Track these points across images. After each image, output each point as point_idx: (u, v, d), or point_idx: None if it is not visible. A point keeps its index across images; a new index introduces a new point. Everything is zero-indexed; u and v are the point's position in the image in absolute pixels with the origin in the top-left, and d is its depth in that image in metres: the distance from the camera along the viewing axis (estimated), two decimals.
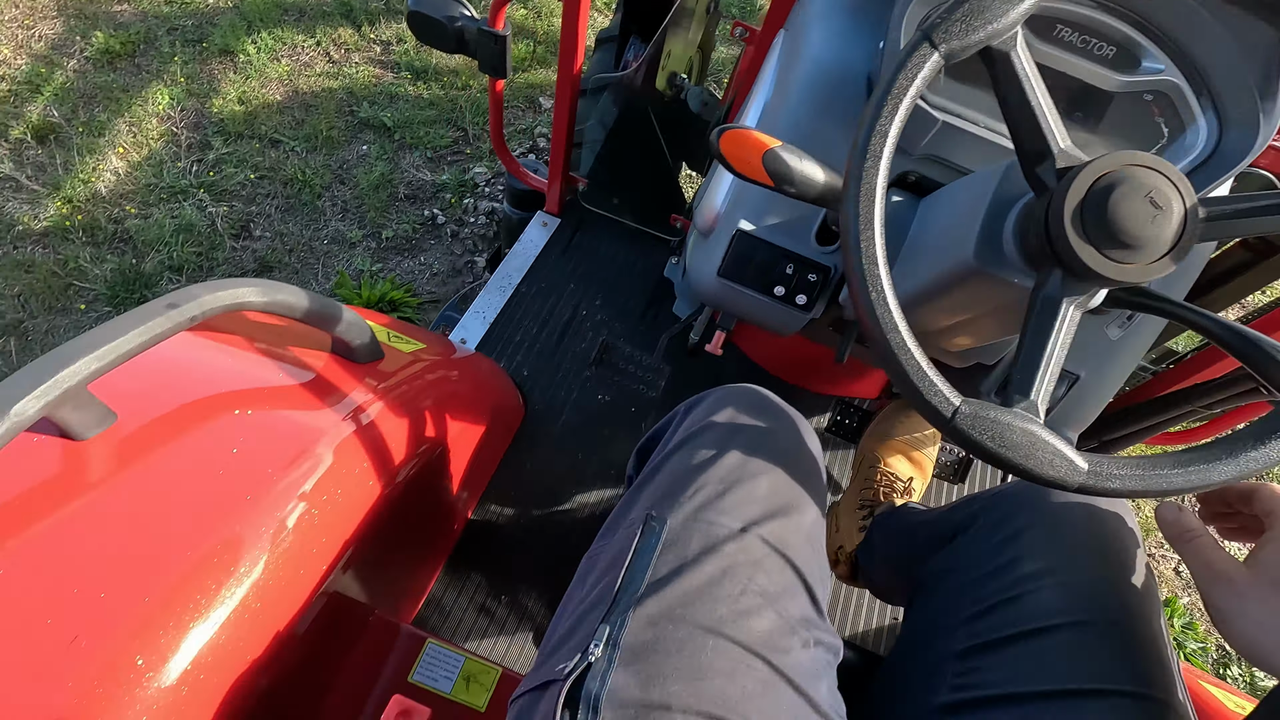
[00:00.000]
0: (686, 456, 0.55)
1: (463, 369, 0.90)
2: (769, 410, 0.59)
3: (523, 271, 1.33)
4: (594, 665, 0.43)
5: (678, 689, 0.41)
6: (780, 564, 0.49)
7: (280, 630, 0.59)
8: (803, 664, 0.46)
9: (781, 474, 0.54)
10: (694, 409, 0.61)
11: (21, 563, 0.47)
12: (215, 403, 0.61)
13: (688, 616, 0.44)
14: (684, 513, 0.50)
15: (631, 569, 0.48)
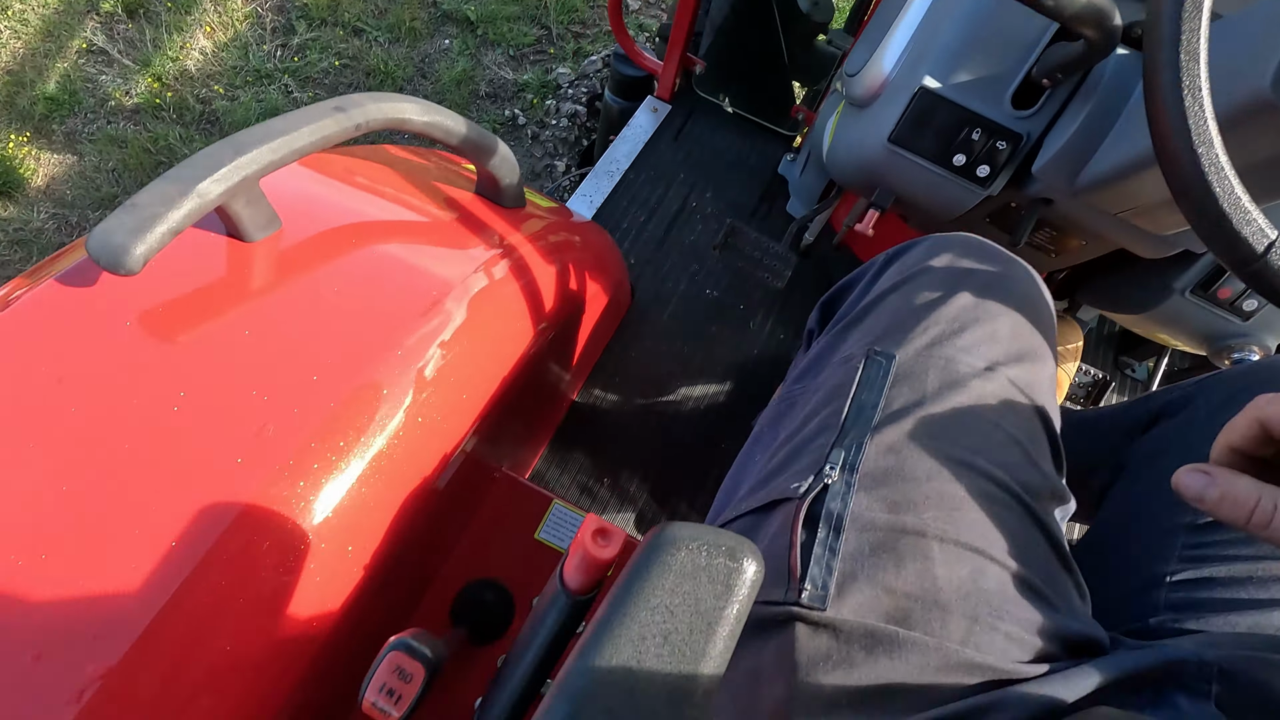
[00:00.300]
0: (906, 297, 0.50)
1: (586, 236, 0.85)
2: (997, 257, 0.53)
3: (631, 158, 1.26)
4: (831, 487, 0.39)
5: (931, 516, 0.38)
6: (1029, 410, 0.45)
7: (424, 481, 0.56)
8: (1052, 513, 0.42)
9: (1021, 318, 0.48)
10: (901, 256, 0.56)
11: (209, 352, 0.46)
12: (367, 230, 0.58)
13: (936, 447, 0.41)
14: (914, 348, 0.46)
15: (859, 399, 0.44)
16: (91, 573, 0.38)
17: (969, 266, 0.51)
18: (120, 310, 0.45)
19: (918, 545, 0.37)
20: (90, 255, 0.41)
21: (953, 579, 0.36)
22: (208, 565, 0.40)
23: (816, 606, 0.36)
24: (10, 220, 1.99)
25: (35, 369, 0.42)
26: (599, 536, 0.40)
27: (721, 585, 0.26)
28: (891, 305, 0.50)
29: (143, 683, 0.38)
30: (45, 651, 0.36)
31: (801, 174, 1.22)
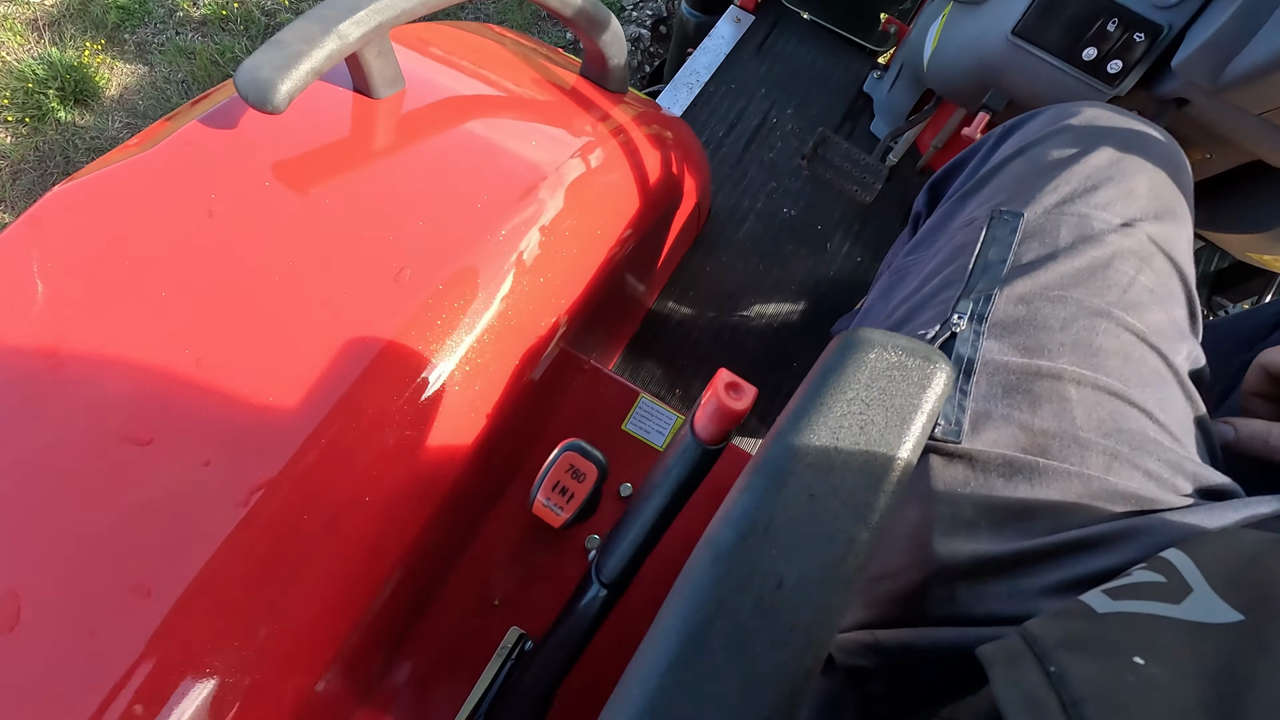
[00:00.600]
0: (1032, 160, 0.48)
1: (678, 133, 0.84)
2: (1127, 118, 0.50)
3: (711, 70, 1.22)
4: (959, 334, 0.39)
5: (1068, 360, 0.37)
6: (1167, 266, 0.43)
7: (526, 357, 0.57)
8: (1188, 372, 0.41)
9: (1162, 176, 0.46)
10: (1021, 126, 0.53)
11: (345, 197, 0.46)
12: (480, 102, 0.58)
13: (1070, 296, 0.40)
14: (1044, 206, 0.44)
15: (985, 256, 0.43)
16: (252, 392, 0.40)
17: (1102, 126, 0.48)
18: (267, 149, 0.45)
19: (1054, 387, 0.37)
20: (238, 90, 0.42)
21: (1091, 418, 0.36)
22: (355, 396, 0.42)
23: (951, 440, 0.36)
24: (87, 129, 2.03)
25: (188, 203, 0.43)
26: (731, 390, 0.40)
27: (915, 385, 0.26)
28: (1016, 169, 0.48)
29: (294, 501, 0.40)
30: (215, 459, 0.38)
31: (890, 90, 1.17)
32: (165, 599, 0.36)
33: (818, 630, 0.23)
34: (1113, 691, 0.22)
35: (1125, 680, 0.22)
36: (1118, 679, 0.22)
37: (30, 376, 0.38)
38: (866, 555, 0.24)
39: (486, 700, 0.56)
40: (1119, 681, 0.22)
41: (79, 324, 0.40)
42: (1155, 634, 0.24)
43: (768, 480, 0.24)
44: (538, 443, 0.74)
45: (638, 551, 0.42)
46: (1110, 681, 0.22)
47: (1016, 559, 0.32)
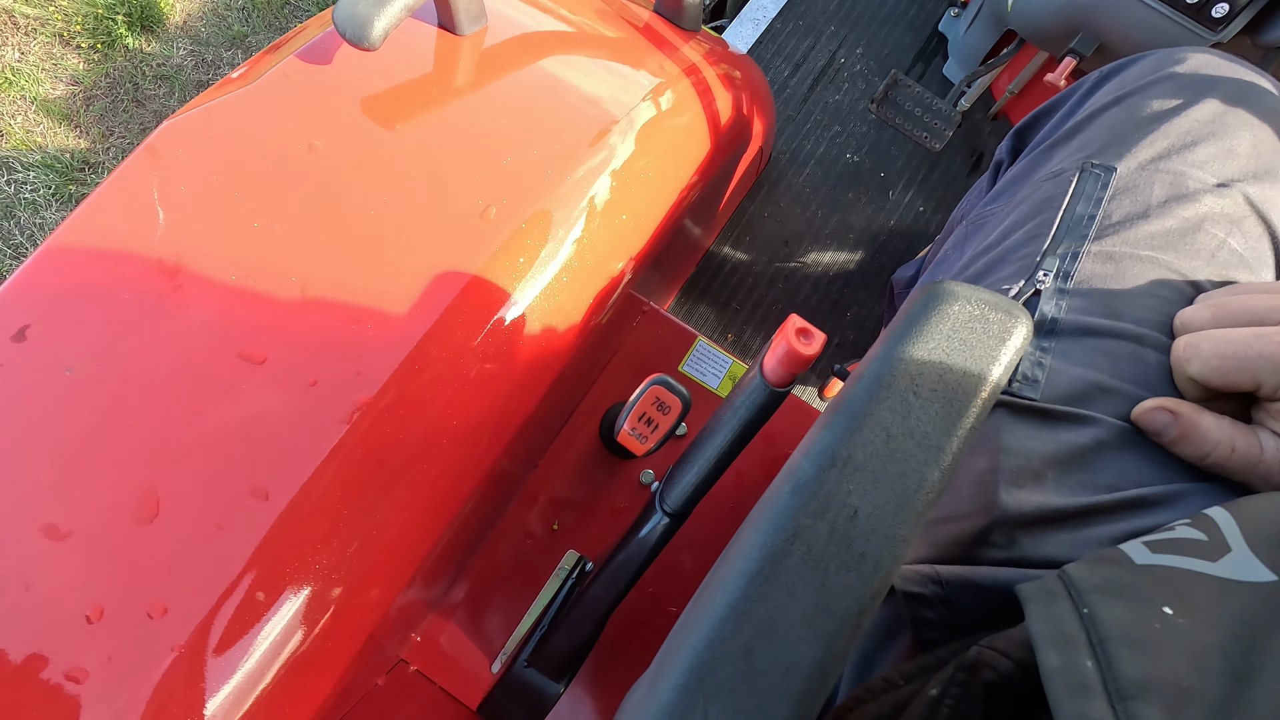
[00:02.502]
0: (1129, 111, 0.46)
1: (747, 72, 0.82)
2: (1237, 66, 0.48)
3: (779, 5, 1.18)
4: (1044, 291, 0.39)
5: (1150, 327, 0.37)
6: (1260, 229, 0.42)
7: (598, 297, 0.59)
8: None
9: (1268, 130, 0.44)
10: (1119, 73, 0.51)
11: (434, 133, 0.48)
12: (559, 38, 0.58)
13: (1157, 259, 0.39)
14: (1138, 161, 0.43)
15: (1072, 210, 0.42)
16: (351, 318, 0.43)
17: (1206, 76, 0.46)
18: (360, 85, 0.47)
19: (1135, 350, 0.37)
20: (336, 27, 0.43)
21: (1168, 384, 0.36)
22: (443, 327, 0.44)
23: (1028, 395, 0.37)
24: (154, 56, 2.07)
25: (290, 136, 0.46)
26: (801, 335, 0.42)
27: (995, 338, 0.27)
28: (1110, 119, 0.47)
29: (389, 422, 0.44)
30: (321, 379, 0.42)
31: (967, 30, 1.12)
32: (278, 502, 0.40)
33: (886, 558, 0.25)
34: (1138, 634, 0.23)
35: (1152, 626, 0.24)
36: (1145, 624, 0.24)
37: (156, 295, 0.42)
38: (937, 494, 0.26)
39: (549, 615, 0.61)
40: (1145, 626, 0.24)
41: (195, 248, 0.43)
42: (1187, 587, 0.25)
43: (849, 419, 0.26)
44: (600, 378, 0.77)
45: (701, 483, 0.45)
46: (1137, 625, 0.24)
47: (1079, 512, 0.33)
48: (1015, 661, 0.27)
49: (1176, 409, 0.34)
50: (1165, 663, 0.23)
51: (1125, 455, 0.34)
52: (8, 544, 0.37)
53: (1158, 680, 0.22)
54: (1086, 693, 0.22)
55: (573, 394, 0.72)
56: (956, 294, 0.27)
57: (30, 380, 0.40)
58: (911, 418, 0.26)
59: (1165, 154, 0.43)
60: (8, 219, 1.86)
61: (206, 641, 0.39)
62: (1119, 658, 0.23)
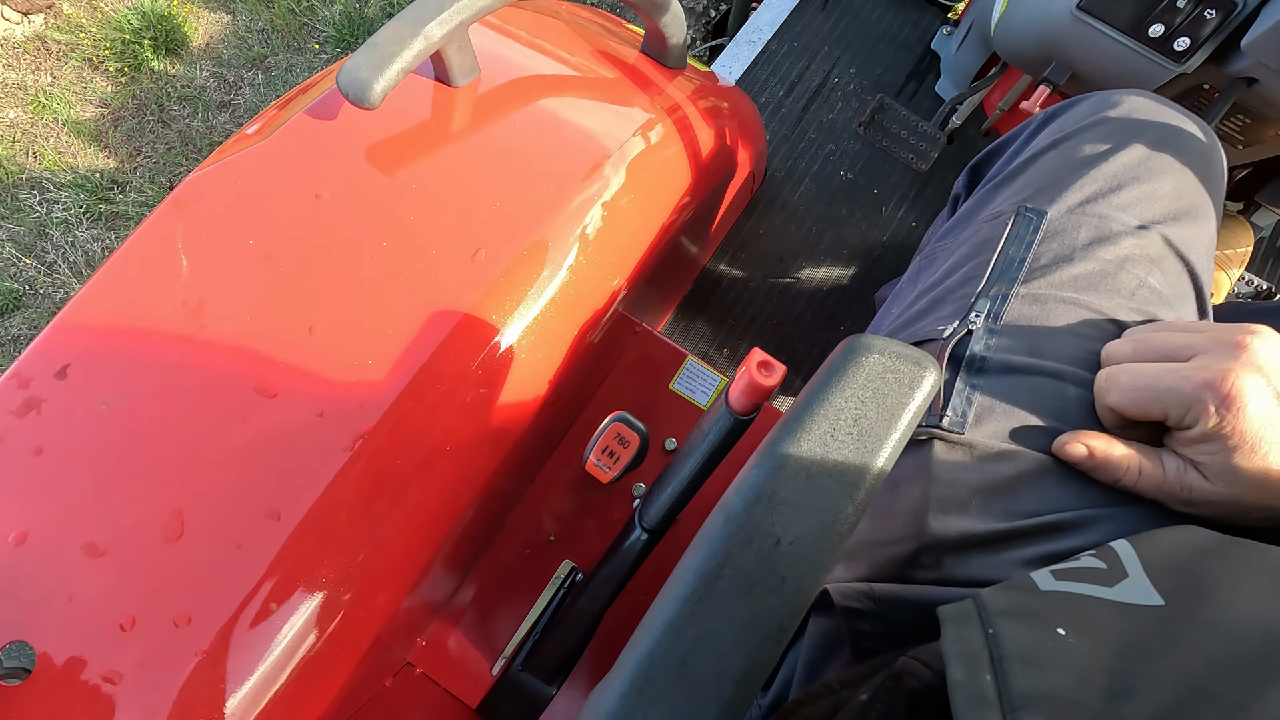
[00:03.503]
0: (1064, 154, 0.50)
1: (734, 103, 0.86)
2: (1168, 112, 0.51)
3: (774, 26, 1.22)
4: (975, 332, 0.43)
5: (1070, 364, 0.41)
6: (1178, 267, 0.45)
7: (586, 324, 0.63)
8: None
9: (1188, 174, 0.48)
10: (1061, 114, 0.55)
11: (431, 181, 0.52)
12: (548, 83, 0.62)
13: (1079, 300, 0.43)
14: (1067, 205, 0.46)
15: (1006, 253, 0.46)
16: (351, 355, 0.48)
17: (1138, 120, 0.49)
18: (362, 139, 0.52)
19: (1055, 386, 0.40)
20: (340, 89, 0.48)
21: (1085, 418, 0.40)
22: (437, 361, 0.49)
23: (955, 430, 0.41)
24: (178, 77, 2.15)
25: (299, 185, 0.50)
26: (763, 368, 0.45)
27: (905, 387, 0.30)
28: (1047, 163, 0.50)
29: (389, 447, 0.48)
30: (326, 411, 0.46)
31: (958, 50, 1.15)
32: (290, 522, 0.45)
33: (805, 581, 0.28)
34: (1033, 653, 0.27)
35: (1045, 646, 0.27)
36: (1040, 644, 0.27)
37: (181, 336, 0.46)
38: (852, 525, 0.29)
39: (542, 621, 0.65)
40: (1040, 646, 0.27)
41: (215, 292, 0.48)
42: (1083, 611, 0.29)
43: (774, 460, 0.30)
44: (594, 397, 0.81)
45: (675, 503, 0.48)
46: (1033, 645, 0.27)
47: (999, 536, 0.37)
48: (935, 672, 0.31)
49: (1089, 443, 0.37)
50: (1053, 678, 0.26)
51: (1044, 484, 0.38)
52: (53, 559, 0.42)
53: (1045, 694, 0.26)
54: (984, 704, 0.26)
55: (567, 412, 0.77)
56: (872, 347, 0.31)
57: (71, 413, 0.45)
58: (829, 458, 0.29)
59: (1092, 198, 0.46)
60: (42, 238, 1.94)
61: (227, 647, 0.43)
62: (1013, 673, 0.26)
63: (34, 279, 1.93)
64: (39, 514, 0.43)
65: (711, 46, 1.81)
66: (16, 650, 0.40)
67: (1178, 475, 0.36)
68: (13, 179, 2.03)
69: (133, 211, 1.97)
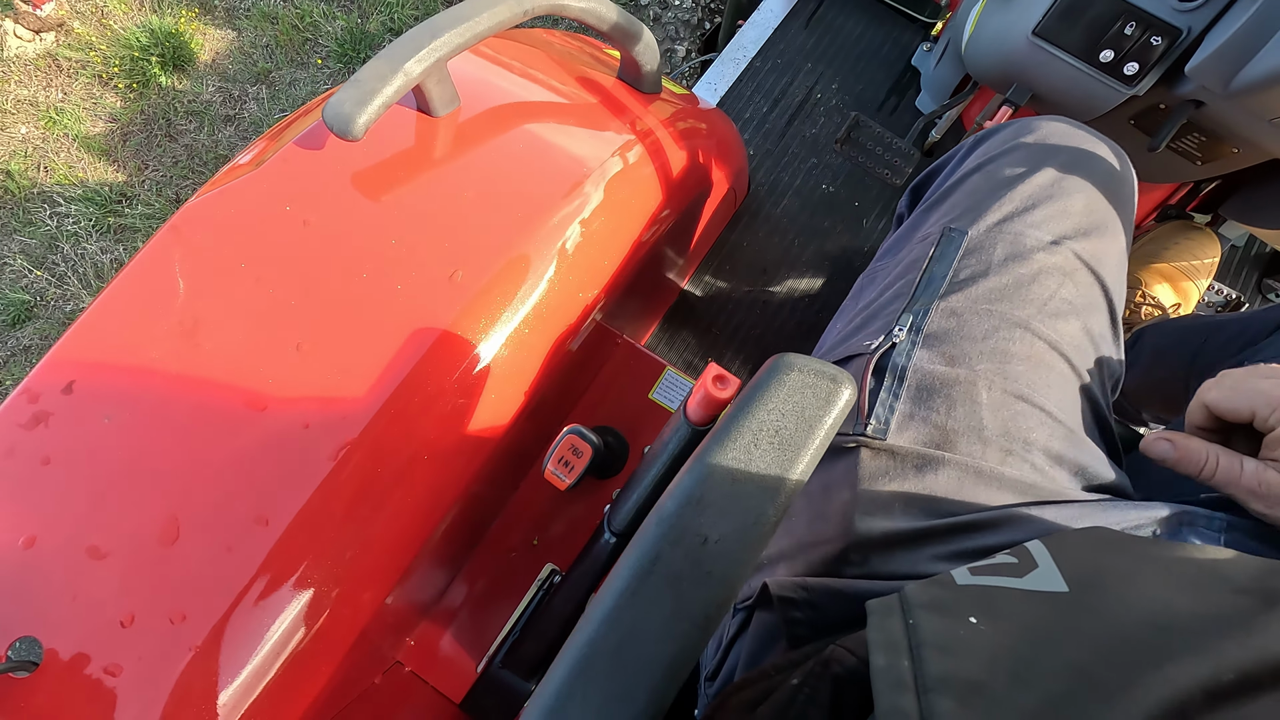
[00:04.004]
0: (987, 177, 0.54)
1: (713, 124, 0.89)
2: (1083, 136, 0.55)
3: (759, 44, 1.25)
4: (898, 345, 0.46)
5: (984, 367, 0.44)
6: (1090, 279, 0.49)
7: (561, 338, 0.66)
8: (1099, 377, 0.47)
9: (1098, 193, 0.51)
10: (990, 138, 0.58)
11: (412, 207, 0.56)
12: (527, 110, 0.66)
13: (994, 310, 0.46)
14: (987, 224, 0.50)
15: (930, 271, 0.50)
16: (339, 371, 0.51)
17: (1053, 144, 0.53)
18: (346, 169, 0.55)
19: (969, 392, 0.44)
20: (325, 123, 0.51)
21: (996, 419, 0.43)
22: (416, 376, 0.52)
23: (879, 437, 0.44)
24: (185, 93, 2.20)
25: (288, 213, 0.54)
26: (718, 381, 0.48)
27: (823, 401, 0.33)
28: (972, 185, 0.54)
29: (371, 456, 0.52)
30: (312, 423, 0.50)
31: (937, 66, 1.18)
32: (278, 528, 0.48)
33: (730, 575, 0.32)
34: (946, 640, 0.30)
35: (958, 633, 0.30)
36: (953, 632, 0.30)
37: (177, 354, 0.50)
38: (774, 525, 0.32)
39: (521, 621, 0.69)
40: (953, 634, 0.30)
41: (210, 313, 0.51)
42: (995, 601, 0.32)
43: (704, 467, 0.33)
44: (577, 406, 0.85)
45: (640, 508, 0.52)
46: (947, 633, 0.30)
47: (918, 534, 0.40)
48: (859, 659, 0.34)
49: (1173, 438, 0.42)
50: (963, 663, 0.29)
51: (962, 485, 0.41)
52: (59, 561, 0.46)
53: (955, 677, 0.29)
54: (901, 687, 0.29)
55: (550, 420, 0.80)
56: (793, 365, 0.34)
57: (76, 426, 0.48)
58: (753, 465, 0.33)
59: (1008, 217, 0.50)
60: (52, 251, 2.00)
61: (220, 642, 0.47)
62: (928, 659, 0.29)
63: (45, 290, 1.98)
64: (46, 519, 0.46)
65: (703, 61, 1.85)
66: (25, 645, 0.43)
67: (1255, 472, 0.38)
68: (24, 193, 2.08)
69: (140, 224, 2.02)
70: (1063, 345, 0.46)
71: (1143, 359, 0.82)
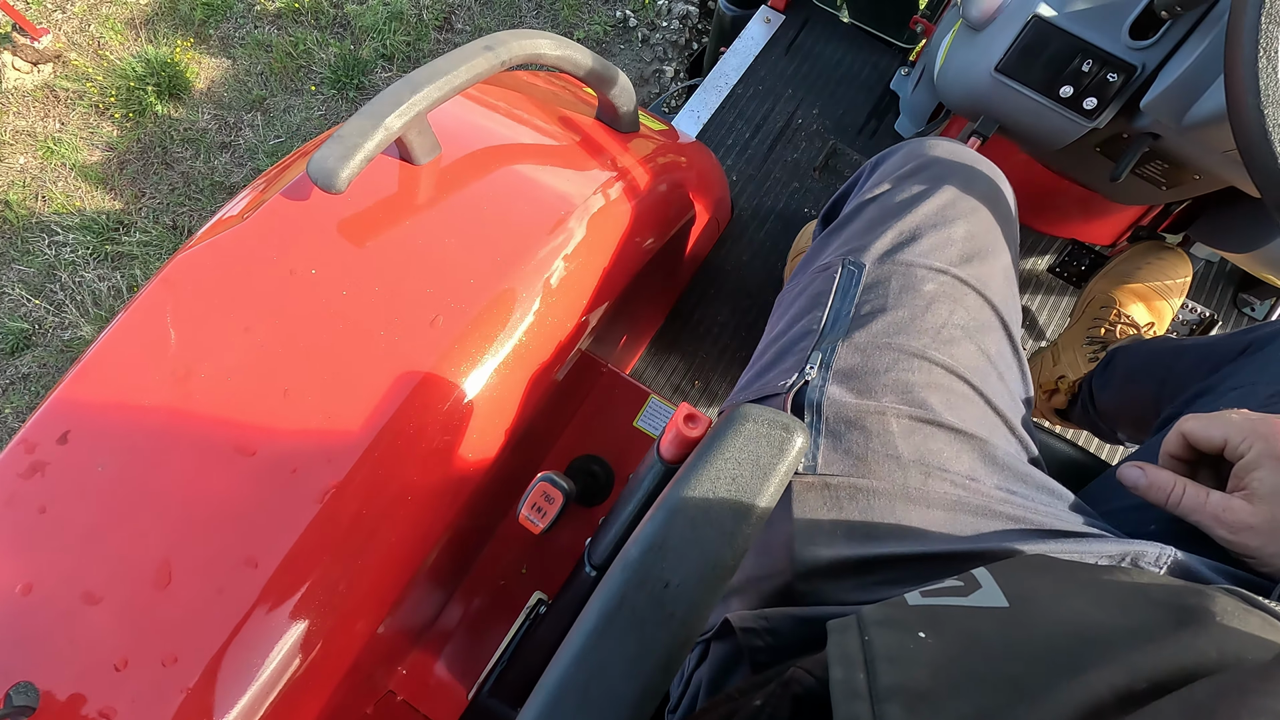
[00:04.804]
0: (882, 204, 0.57)
1: (691, 157, 0.92)
2: (964, 158, 0.59)
3: (740, 71, 1.28)
4: (811, 382, 0.49)
5: (890, 400, 0.47)
6: (979, 302, 0.52)
7: (547, 370, 0.68)
8: (1000, 392, 0.51)
9: (979, 216, 0.55)
10: (885, 161, 0.62)
11: (395, 255, 0.58)
12: (508, 153, 0.68)
13: (893, 344, 0.49)
14: (880, 254, 0.54)
15: (835, 308, 0.53)
16: (324, 416, 0.53)
17: (939, 170, 0.57)
18: (330, 220, 0.58)
19: (880, 422, 0.47)
20: (310, 178, 0.54)
21: (909, 444, 0.46)
22: (399, 418, 0.54)
23: (809, 471, 0.47)
24: (180, 120, 2.23)
25: (275, 263, 0.56)
26: (689, 420, 0.50)
27: (776, 449, 0.35)
28: (869, 213, 0.58)
29: (357, 497, 0.53)
30: (299, 468, 0.52)
31: (914, 91, 1.21)
32: (267, 568, 0.50)
33: (691, 617, 0.33)
34: (897, 653, 0.32)
35: (908, 647, 0.32)
36: (903, 645, 0.32)
37: (168, 403, 0.52)
38: (732, 568, 0.34)
39: (510, 649, 0.70)
40: (903, 647, 0.32)
41: (200, 362, 0.53)
42: (942, 618, 0.34)
43: (665, 514, 0.35)
44: (563, 435, 0.87)
45: (617, 544, 0.53)
46: (898, 646, 0.32)
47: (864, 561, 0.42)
48: (817, 679, 0.36)
49: (1144, 467, 0.45)
50: (911, 673, 0.31)
51: (892, 512, 0.44)
52: (56, 608, 0.48)
53: (904, 686, 0.30)
54: (856, 697, 0.31)
55: (537, 449, 0.82)
56: (749, 415, 0.36)
57: (71, 475, 0.50)
58: (711, 512, 0.35)
59: (899, 247, 0.54)
60: (50, 279, 2.02)
61: (211, 684, 0.49)
62: (881, 671, 0.31)
63: (43, 319, 2.00)
64: (43, 566, 0.48)
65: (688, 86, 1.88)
66: (23, 690, 0.45)
67: (1221, 500, 0.42)
68: (23, 222, 2.11)
69: (138, 251, 2.05)
70: (959, 368, 0.49)
71: (1115, 381, 0.84)
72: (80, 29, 2.34)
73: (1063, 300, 1.17)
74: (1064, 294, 1.17)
